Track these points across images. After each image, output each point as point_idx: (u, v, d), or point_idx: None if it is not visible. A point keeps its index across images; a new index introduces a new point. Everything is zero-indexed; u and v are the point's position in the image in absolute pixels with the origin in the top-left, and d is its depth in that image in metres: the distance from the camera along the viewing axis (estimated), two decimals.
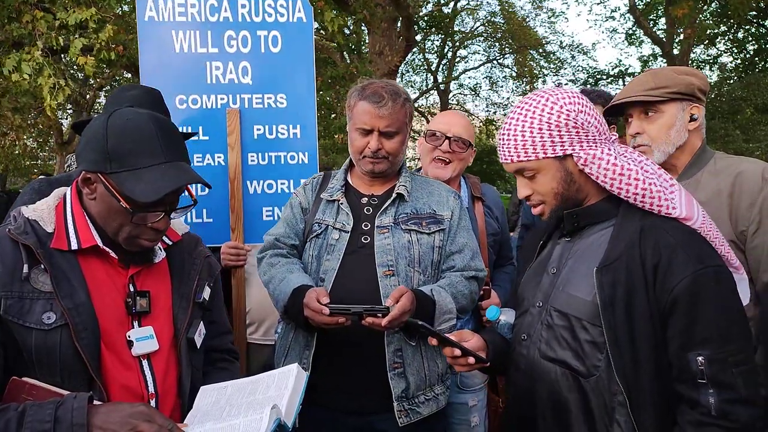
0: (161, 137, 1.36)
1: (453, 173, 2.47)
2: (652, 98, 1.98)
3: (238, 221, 2.62)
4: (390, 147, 2.00)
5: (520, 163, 1.45)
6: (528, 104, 1.44)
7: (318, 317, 1.78)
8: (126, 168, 1.32)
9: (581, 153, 1.42)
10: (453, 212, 2.07)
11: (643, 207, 1.42)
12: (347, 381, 1.95)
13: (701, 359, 1.28)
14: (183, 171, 1.38)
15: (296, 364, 1.42)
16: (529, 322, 1.55)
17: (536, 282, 1.57)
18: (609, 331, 1.34)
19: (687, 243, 1.35)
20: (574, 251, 1.51)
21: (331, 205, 2.08)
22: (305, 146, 2.73)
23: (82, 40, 6.10)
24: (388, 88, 2.00)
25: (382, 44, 11.98)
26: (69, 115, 17.61)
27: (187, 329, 1.50)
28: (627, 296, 1.35)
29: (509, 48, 21.92)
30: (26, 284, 1.29)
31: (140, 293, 1.43)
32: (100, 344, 1.33)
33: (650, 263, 1.34)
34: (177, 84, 2.65)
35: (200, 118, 2.67)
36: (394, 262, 1.94)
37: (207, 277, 1.61)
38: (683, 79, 1.97)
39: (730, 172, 1.92)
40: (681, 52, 15.79)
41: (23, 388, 1.23)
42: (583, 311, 1.40)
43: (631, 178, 1.41)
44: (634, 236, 1.39)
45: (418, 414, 1.94)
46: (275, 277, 2.00)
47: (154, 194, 1.30)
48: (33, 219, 1.37)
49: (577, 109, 1.41)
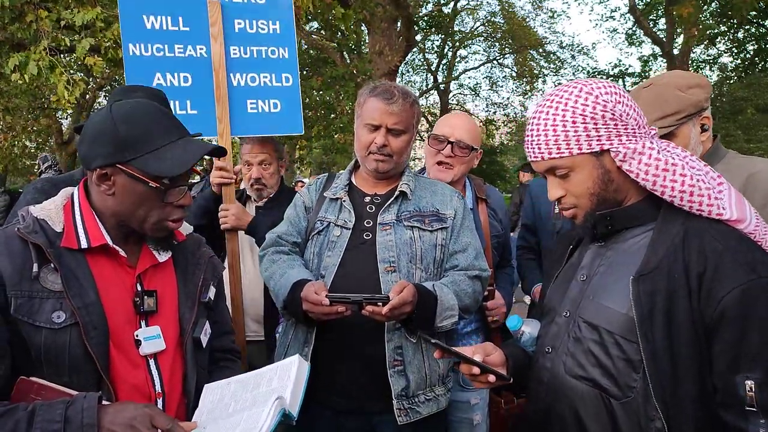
0: (168, 117, 1.42)
1: (455, 177, 2.46)
2: (665, 130, 1.91)
3: (224, 112, 2.64)
4: (396, 145, 2.01)
5: (552, 161, 1.31)
6: (560, 95, 1.30)
7: (317, 308, 1.78)
8: (145, 151, 1.34)
9: (620, 147, 1.27)
10: (456, 211, 2.08)
11: (690, 209, 1.27)
12: (347, 378, 1.94)
13: (750, 383, 1.12)
14: (198, 143, 1.43)
15: (297, 355, 1.42)
16: (555, 333, 1.41)
17: (564, 289, 1.43)
18: (647, 348, 1.20)
19: (737, 249, 1.19)
20: (608, 257, 1.36)
21: (334, 203, 2.09)
22: (285, 41, 2.77)
23: (89, 40, 6.09)
24: (399, 87, 2.04)
25: (382, 44, 12.00)
26: (69, 115, 17.61)
27: (193, 329, 1.50)
28: (667, 309, 1.20)
29: (509, 48, 21.93)
30: (36, 283, 1.28)
31: (148, 292, 1.43)
32: (109, 343, 1.33)
33: (695, 271, 1.18)
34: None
35: (180, 8, 2.66)
36: (396, 258, 1.95)
37: (211, 277, 1.62)
38: (690, 99, 1.91)
39: (743, 171, 1.90)
40: (681, 52, 15.80)
41: (32, 388, 1.23)
42: (616, 325, 1.26)
43: (676, 174, 1.26)
44: (676, 240, 1.24)
45: (418, 413, 1.93)
46: (276, 273, 2.01)
47: (182, 166, 1.35)
48: (41, 218, 1.37)
49: (615, 99, 1.27)
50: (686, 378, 1.18)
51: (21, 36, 6.53)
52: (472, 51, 23.20)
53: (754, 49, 17.64)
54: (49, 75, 6.12)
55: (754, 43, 17.61)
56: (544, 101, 1.34)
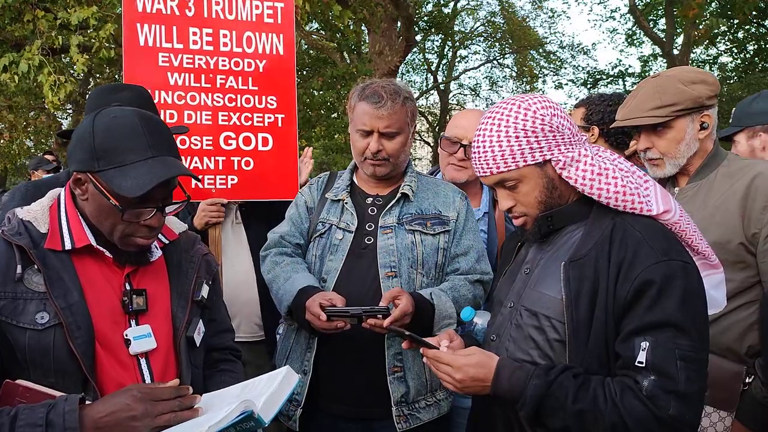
0: (147, 133, 1.37)
1: (471, 177, 2.43)
2: (659, 120, 1.94)
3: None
4: (391, 148, 1.98)
5: (500, 175, 1.42)
6: (500, 113, 1.42)
7: (317, 322, 1.77)
8: (113, 165, 1.32)
9: (560, 156, 1.40)
10: (459, 213, 2.05)
11: (624, 208, 1.39)
12: (348, 384, 1.93)
13: (645, 344, 1.25)
14: (169, 165, 1.37)
15: (287, 367, 1.41)
16: (500, 322, 1.53)
17: (510, 282, 1.57)
18: (570, 325, 1.34)
19: (653, 237, 1.33)
20: (547, 251, 1.49)
21: (336, 204, 2.07)
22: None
23: (79, 38, 6.11)
24: (388, 87, 1.97)
25: (382, 44, 11.98)
26: (69, 115, 17.59)
27: (186, 328, 1.49)
28: (592, 293, 1.33)
29: (509, 48, 21.91)
30: (20, 285, 1.30)
31: (136, 292, 1.43)
32: (94, 343, 1.33)
33: (616, 259, 1.32)
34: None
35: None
36: (397, 263, 1.93)
37: (205, 275, 1.61)
38: (690, 93, 1.91)
39: (746, 174, 1.89)
40: (681, 52, 15.78)
41: (16, 390, 1.23)
42: (552, 309, 1.38)
43: (609, 177, 1.39)
44: (605, 233, 1.37)
45: (418, 420, 1.92)
46: (279, 276, 1.98)
47: (139, 189, 1.30)
48: (27, 220, 1.38)
49: (551, 113, 1.39)
50: (594, 351, 1.32)
51: (18, 35, 6.54)
52: (472, 51, 23.15)
53: (754, 49, 17.63)
54: (37, 74, 6.14)
55: (754, 43, 17.59)
56: (485, 119, 1.44)
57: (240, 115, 2.73)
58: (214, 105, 2.69)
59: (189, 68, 2.67)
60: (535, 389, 1.29)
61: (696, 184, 1.98)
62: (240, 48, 2.72)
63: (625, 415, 1.24)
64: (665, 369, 1.23)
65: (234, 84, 2.73)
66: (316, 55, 14.75)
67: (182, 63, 2.66)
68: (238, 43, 2.72)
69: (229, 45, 2.71)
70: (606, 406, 1.25)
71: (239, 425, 1.21)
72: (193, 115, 2.67)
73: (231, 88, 2.72)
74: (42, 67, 6.20)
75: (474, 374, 1.35)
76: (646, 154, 2.02)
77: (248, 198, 2.75)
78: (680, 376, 1.23)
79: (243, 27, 2.73)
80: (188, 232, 1.66)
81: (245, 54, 2.73)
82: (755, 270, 1.85)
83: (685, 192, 1.99)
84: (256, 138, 2.75)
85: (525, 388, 1.31)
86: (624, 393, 1.25)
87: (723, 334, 1.86)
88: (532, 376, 1.31)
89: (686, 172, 2.02)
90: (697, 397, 1.26)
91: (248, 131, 2.74)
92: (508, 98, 1.45)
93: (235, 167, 2.73)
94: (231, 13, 2.72)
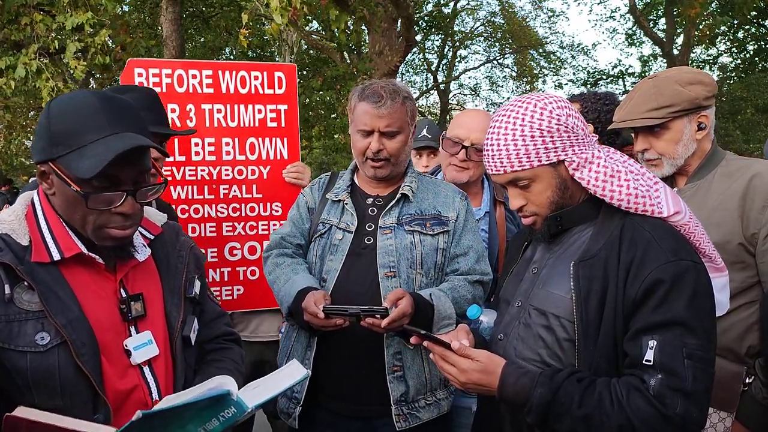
0: (107, 110, 1.24)
1: (472, 177, 2.41)
2: (656, 121, 1.93)
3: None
4: (392, 147, 1.98)
5: (514, 173, 1.41)
6: (515, 111, 1.40)
7: (314, 320, 1.77)
8: (71, 149, 1.20)
9: (574, 157, 1.39)
10: (459, 214, 2.05)
11: (636, 210, 1.39)
12: (347, 382, 1.93)
13: (653, 342, 1.25)
14: (128, 138, 1.23)
15: (295, 360, 1.38)
16: (507, 321, 1.53)
17: (517, 282, 1.56)
18: (580, 325, 1.33)
19: (662, 237, 1.33)
20: (555, 251, 1.49)
21: (336, 205, 2.07)
22: None
23: (76, 44, 6.09)
24: (388, 87, 1.97)
25: (382, 44, 11.96)
26: None
27: (182, 327, 1.41)
28: (602, 292, 1.33)
29: (509, 48, 21.91)
30: (11, 306, 1.18)
31: (133, 297, 1.34)
32: (100, 358, 1.25)
33: (626, 259, 1.32)
34: None
35: None
36: (396, 263, 1.93)
37: (195, 270, 1.52)
38: (688, 94, 1.91)
39: (744, 174, 1.88)
40: (681, 52, 15.78)
41: (21, 425, 1.09)
42: (562, 308, 1.38)
43: (621, 179, 1.39)
44: (615, 233, 1.38)
45: (418, 419, 1.91)
46: (280, 278, 1.99)
47: (96, 166, 1.16)
48: (4, 233, 1.25)
49: (566, 113, 1.38)
50: (603, 350, 1.32)
51: (14, 38, 6.53)
52: (472, 51, 23.17)
53: (754, 49, 17.63)
54: (35, 79, 6.12)
55: (754, 43, 17.60)
56: (500, 117, 1.42)
57: (245, 225, 2.67)
58: (218, 216, 2.63)
59: (192, 180, 2.61)
60: (541, 397, 1.28)
61: (694, 185, 1.98)
62: (243, 156, 2.67)
63: (632, 417, 1.23)
64: (672, 367, 1.23)
65: (238, 193, 2.67)
66: (316, 55, 14.75)
67: (185, 176, 2.60)
68: (241, 151, 2.66)
69: (232, 153, 2.65)
70: (612, 409, 1.25)
71: (220, 411, 1.14)
72: (197, 228, 2.62)
73: (235, 197, 2.66)
74: (40, 73, 6.16)
75: (477, 379, 1.35)
76: (644, 155, 2.02)
77: (256, 308, 2.69)
78: (687, 375, 1.23)
79: (246, 133, 2.67)
80: (169, 222, 1.56)
81: (248, 161, 2.68)
82: (754, 270, 1.85)
83: (684, 192, 1.99)
84: (261, 247, 2.65)
85: (530, 396, 1.30)
86: (630, 394, 1.25)
87: (723, 334, 1.85)
88: (537, 384, 1.30)
89: (684, 173, 2.01)
90: (703, 396, 1.26)
91: (254, 240, 2.69)
92: (523, 96, 1.43)
93: (241, 277, 2.67)
94: (233, 120, 2.66)
